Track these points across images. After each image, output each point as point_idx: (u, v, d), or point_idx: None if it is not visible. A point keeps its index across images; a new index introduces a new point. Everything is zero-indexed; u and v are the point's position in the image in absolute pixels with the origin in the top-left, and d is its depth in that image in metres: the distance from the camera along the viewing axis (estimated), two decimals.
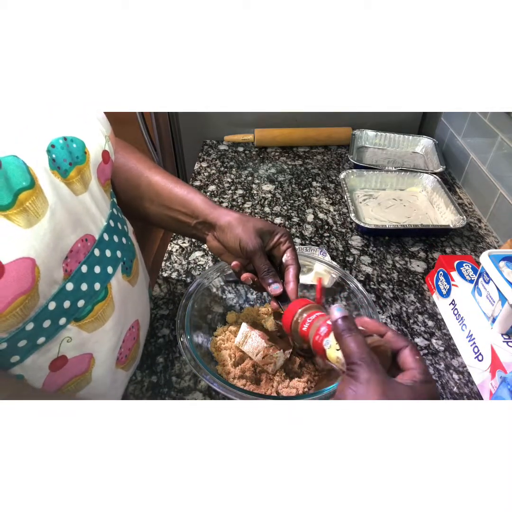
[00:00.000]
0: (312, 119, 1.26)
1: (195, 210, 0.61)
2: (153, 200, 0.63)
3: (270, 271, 0.57)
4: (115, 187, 0.62)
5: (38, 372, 0.43)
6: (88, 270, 0.46)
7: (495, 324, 0.64)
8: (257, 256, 0.57)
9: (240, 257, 0.59)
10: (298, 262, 0.59)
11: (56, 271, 0.42)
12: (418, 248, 0.91)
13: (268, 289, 0.57)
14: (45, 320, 0.42)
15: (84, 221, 0.46)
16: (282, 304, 0.57)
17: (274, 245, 0.59)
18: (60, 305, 0.43)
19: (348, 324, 0.39)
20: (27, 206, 0.38)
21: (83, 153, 0.46)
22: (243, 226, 0.58)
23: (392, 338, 0.41)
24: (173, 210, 0.62)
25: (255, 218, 0.60)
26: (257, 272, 0.58)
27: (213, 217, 0.60)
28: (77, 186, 0.45)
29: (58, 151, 0.43)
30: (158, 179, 0.63)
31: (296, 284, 0.57)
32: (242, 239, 0.57)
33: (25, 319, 0.39)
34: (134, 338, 0.58)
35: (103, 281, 0.49)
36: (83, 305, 0.46)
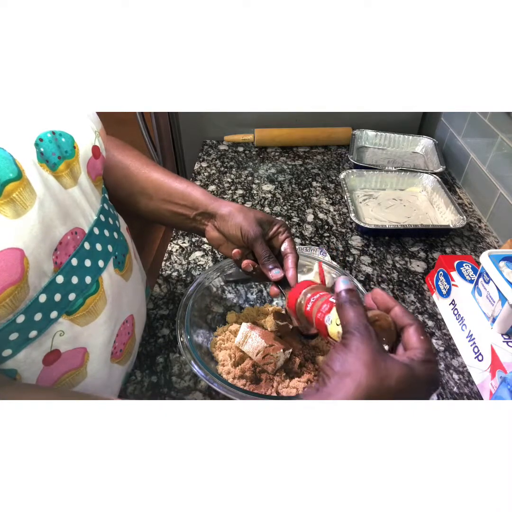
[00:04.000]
0: (312, 119, 1.27)
1: (195, 202, 0.62)
2: (151, 196, 0.63)
3: (270, 257, 0.58)
4: (110, 184, 0.63)
5: (31, 366, 0.44)
6: (78, 263, 0.47)
7: (495, 324, 0.64)
8: (258, 243, 0.58)
9: (240, 245, 0.60)
10: (297, 251, 0.60)
11: (46, 263, 0.42)
12: (418, 248, 0.91)
13: (269, 275, 0.57)
14: (36, 313, 0.42)
15: (74, 215, 0.46)
16: (283, 289, 0.57)
17: (273, 235, 0.60)
18: (51, 298, 0.43)
19: (350, 296, 0.39)
20: (14, 197, 0.38)
21: (72, 147, 0.47)
22: (244, 215, 0.59)
23: (399, 314, 0.39)
24: (172, 204, 0.63)
25: (255, 209, 0.61)
26: (258, 259, 0.59)
27: (213, 207, 0.61)
28: (66, 179, 0.45)
29: (46, 145, 0.43)
30: (157, 174, 0.64)
31: (296, 271, 0.58)
32: (243, 227, 0.58)
33: (15, 310, 0.40)
34: (129, 332, 0.59)
35: (94, 275, 0.49)
36: (74, 298, 0.46)
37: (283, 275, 0.57)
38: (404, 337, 0.38)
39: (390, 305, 0.40)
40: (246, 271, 0.60)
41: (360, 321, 0.37)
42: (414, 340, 0.37)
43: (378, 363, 0.34)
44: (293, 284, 0.56)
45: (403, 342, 0.38)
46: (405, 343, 0.38)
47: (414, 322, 0.38)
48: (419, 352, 0.36)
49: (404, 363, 0.35)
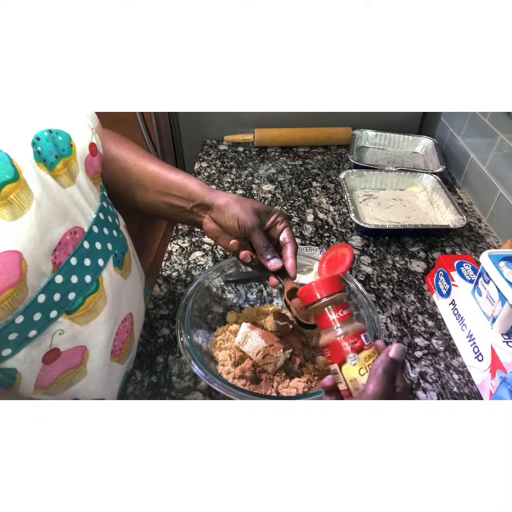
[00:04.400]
0: (312, 119, 1.26)
1: (191, 193, 0.61)
2: (147, 188, 0.63)
3: (268, 247, 0.58)
4: (107, 178, 0.62)
5: (31, 365, 0.44)
6: (77, 262, 0.46)
7: (495, 324, 0.64)
8: (255, 233, 0.57)
9: (238, 236, 0.60)
10: (295, 240, 0.59)
11: (44, 263, 0.42)
12: (418, 248, 0.91)
13: (267, 265, 0.57)
14: (35, 313, 0.42)
15: (73, 214, 0.46)
16: (282, 279, 0.57)
17: (270, 225, 0.60)
18: (50, 298, 0.43)
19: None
20: (11, 199, 0.38)
21: (69, 146, 0.46)
22: (241, 205, 0.58)
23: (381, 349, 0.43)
24: (169, 195, 0.62)
25: (251, 200, 0.60)
26: (256, 249, 0.58)
27: (210, 198, 0.60)
28: (64, 178, 0.45)
29: (43, 144, 0.43)
30: (153, 166, 0.63)
31: (295, 260, 0.57)
32: (240, 217, 0.57)
33: (14, 312, 0.40)
34: (128, 331, 0.59)
35: (94, 274, 0.49)
36: (74, 297, 0.46)
37: (282, 265, 0.57)
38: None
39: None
40: (245, 262, 0.59)
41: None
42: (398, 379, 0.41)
43: None
44: (293, 274, 0.55)
45: None
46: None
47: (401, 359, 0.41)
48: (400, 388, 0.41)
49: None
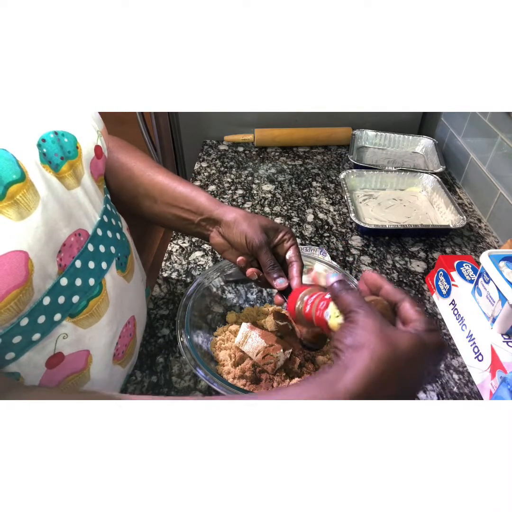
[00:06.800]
0: (312, 119, 1.27)
1: (199, 207, 0.61)
2: (156, 199, 0.63)
3: (275, 266, 0.58)
4: (115, 186, 0.62)
5: (34, 369, 0.43)
6: (82, 265, 0.46)
7: (495, 324, 0.64)
8: (262, 251, 0.57)
9: (245, 253, 0.60)
10: (302, 259, 0.59)
11: (50, 265, 0.42)
12: (418, 248, 0.91)
13: (274, 284, 0.57)
14: (40, 316, 0.42)
15: (77, 216, 0.46)
16: (287, 298, 0.57)
17: (278, 242, 0.60)
18: (55, 301, 0.43)
19: (343, 285, 0.39)
20: (17, 199, 0.38)
21: (74, 148, 0.46)
22: (249, 222, 0.58)
23: (390, 291, 0.40)
24: (177, 208, 0.62)
25: (260, 216, 0.60)
26: (263, 267, 0.58)
27: (218, 213, 0.60)
28: (69, 180, 0.45)
29: (49, 145, 0.43)
30: (161, 177, 0.63)
31: (300, 279, 0.57)
32: (248, 235, 0.57)
33: (19, 313, 0.39)
34: (131, 334, 0.59)
35: (97, 277, 0.49)
36: (77, 300, 0.46)
37: (288, 284, 0.57)
38: (400, 313, 0.39)
39: (379, 284, 0.41)
40: (251, 279, 0.60)
41: (359, 301, 0.37)
42: (411, 313, 0.38)
43: (387, 332, 0.34)
44: None
45: (400, 318, 0.39)
46: (403, 318, 0.38)
47: (406, 296, 0.39)
48: (421, 323, 0.36)
49: (411, 333, 0.35)
